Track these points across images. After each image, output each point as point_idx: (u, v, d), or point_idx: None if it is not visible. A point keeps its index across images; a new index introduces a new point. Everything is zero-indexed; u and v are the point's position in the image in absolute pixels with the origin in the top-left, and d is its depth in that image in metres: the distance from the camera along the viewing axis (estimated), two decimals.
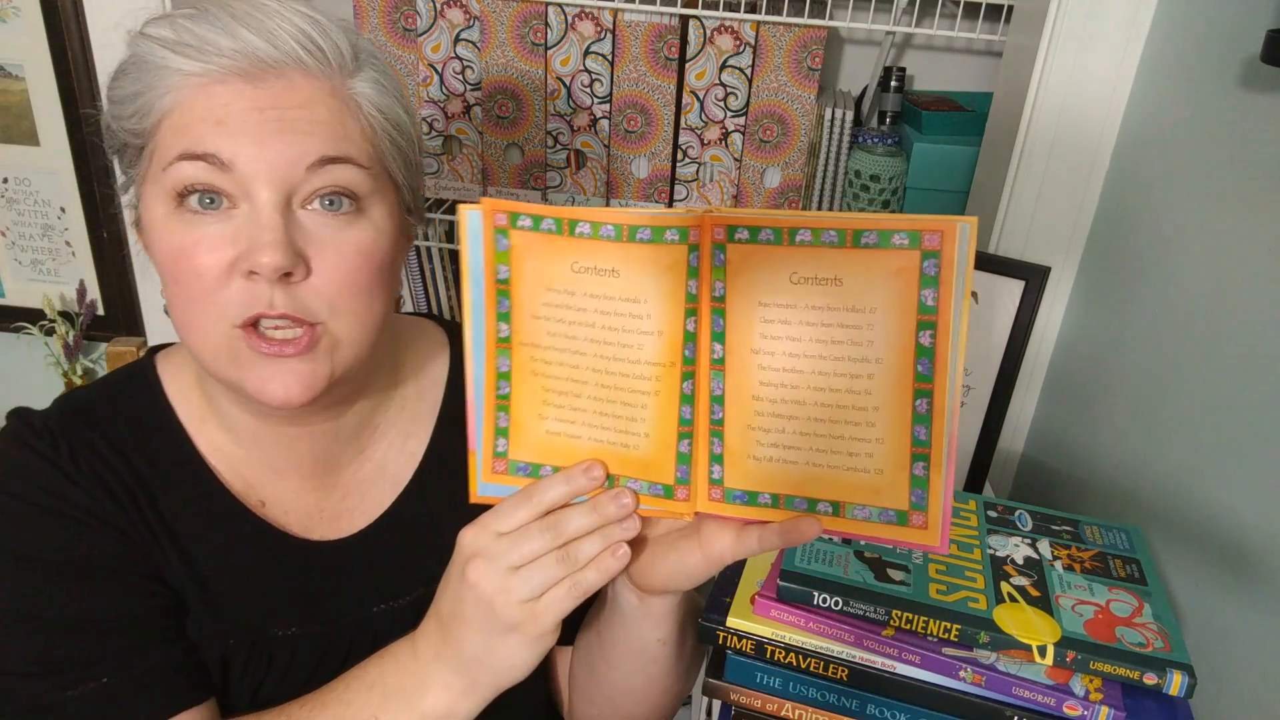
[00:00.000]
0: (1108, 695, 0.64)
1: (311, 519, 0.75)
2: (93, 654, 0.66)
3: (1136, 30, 0.99)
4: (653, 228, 0.54)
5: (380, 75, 0.66)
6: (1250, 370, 0.75)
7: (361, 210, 0.64)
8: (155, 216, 0.62)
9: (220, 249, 0.60)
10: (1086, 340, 1.07)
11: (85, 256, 1.41)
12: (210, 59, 0.59)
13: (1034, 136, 1.05)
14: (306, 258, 0.61)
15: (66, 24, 1.25)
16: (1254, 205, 0.77)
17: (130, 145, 0.64)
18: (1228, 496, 0.76)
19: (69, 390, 0.75)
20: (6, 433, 0.69)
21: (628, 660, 0.72)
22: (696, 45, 1.26)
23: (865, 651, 0.67)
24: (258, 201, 0.60)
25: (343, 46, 0.63)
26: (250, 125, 0.59)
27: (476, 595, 0.59)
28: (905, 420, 0.53)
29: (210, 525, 0.71)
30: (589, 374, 0.57)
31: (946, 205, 1.32)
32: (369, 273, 0.64)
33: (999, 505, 0.81)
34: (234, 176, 0.60)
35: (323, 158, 0.61)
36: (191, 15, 0.61)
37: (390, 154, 0.66)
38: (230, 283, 0.61)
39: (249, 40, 0.59)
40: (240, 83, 0.60)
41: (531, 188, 1.38)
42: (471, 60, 1.31)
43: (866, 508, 0.55)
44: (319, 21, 0.62)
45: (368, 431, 0.76)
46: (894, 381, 0.52)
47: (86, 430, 0.69)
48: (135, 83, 0.62)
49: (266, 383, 0.62)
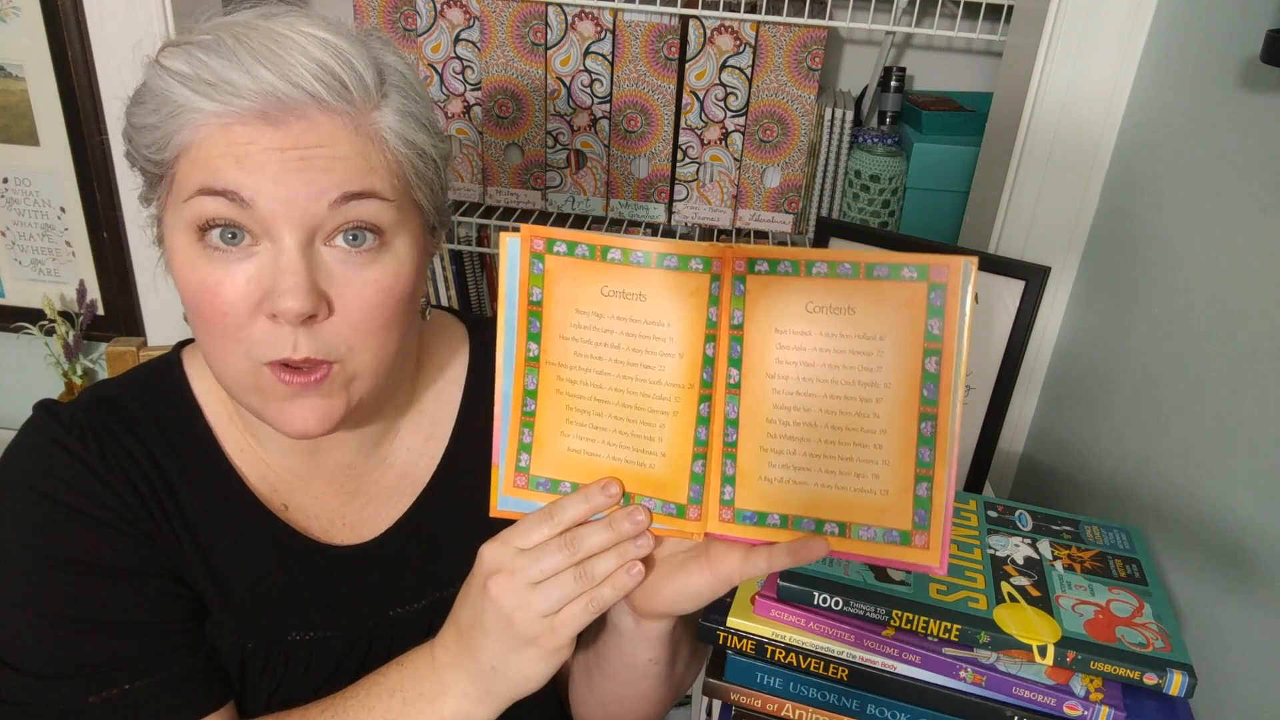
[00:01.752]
0: (1108, 695, 0.64)
1: (333, 524, 0.75)
2: (117, 658, 0.66)
3: (1136, 30, 0.99)
4: (679, 255, 0.57)
5: (406, 100, 0.63)
6: (1250, 370, 0.75)
7: (385, 244, 0.63)
8: (177, 245, 0.62)
9: (243, 288, 0.60)
10: (1086, 340, 1.07)
11: (85, 256, 1.41)
12: (229, 100, 0.58)
13: (1034, 136, 1.05)
14: (329, 298, 0.61)
15: (66, 24, 1.25)
16: (1254, 205, 0.77)
17: (149, 172, 0.63)
18: (1227, 496, 0.76)
19: (97, 382, 0.75)
20: (34, 425, 0.69)
21: (620, 674, 0.73)
22: (696, 45, 1.26)
23: (865, 651, 0.67)
24: (280, 243, 0.59)
25: (366, 75, 0.61)
26: (270, 164, 0.58)
27: (497, 609, 0.60)
28: (910, 442, 0.55)
29: (232, 526, 0.71)
30: (611, 393, 0.59)
31: (946, 205, 1.32)
32: (389, 309, 0.64)
33: (999, 505, 0.81)
34: (254, 214, 0.59)
35: (345, 194, 0.60)
36: (207, 46, 0.59)
37: (415, 183, 0.65)
38: (255, 322, 0.60)
39: (267, 80, 0.57)
40: (260, 124, 0.58)
41: (531, 188, 1.38)
42: (471, 60, 1.31)
43: (871, 528, 0.56)
44: (340, 49, 0.60)
45: (390, 437, 0.76)
46: (900, 405, 0.54)
47: (115, 425, 0.69)
48: (153, 114, 0.60)
49: (287, 417, 0.63)
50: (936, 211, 1.33)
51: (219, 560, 0.70)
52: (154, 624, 0.68)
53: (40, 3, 1.25)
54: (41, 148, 1.35)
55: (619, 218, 1.39)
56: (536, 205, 1.39)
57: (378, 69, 0.62)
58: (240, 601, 0.71)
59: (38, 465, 0.67)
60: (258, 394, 0.63)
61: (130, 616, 0.67)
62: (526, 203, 1.38)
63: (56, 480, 0.66)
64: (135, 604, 0.67)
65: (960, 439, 0.54)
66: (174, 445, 0.70)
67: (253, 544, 0.71)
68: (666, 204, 1.37)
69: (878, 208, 1.33)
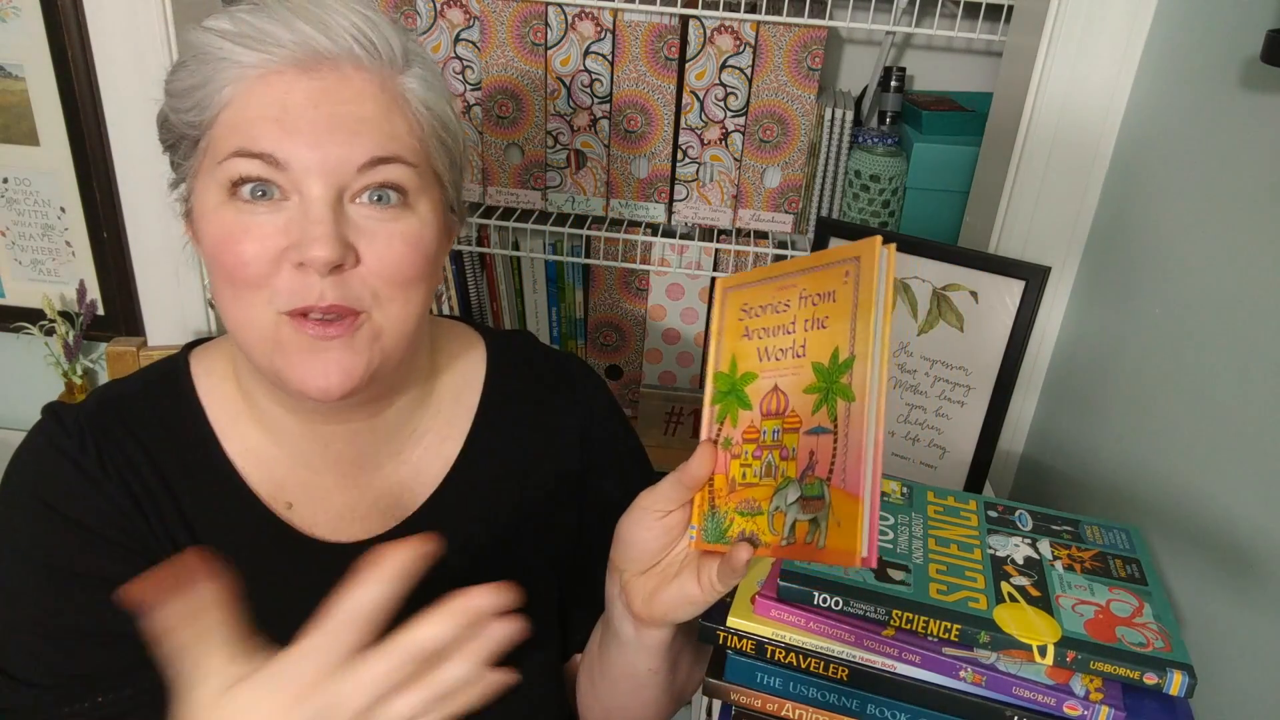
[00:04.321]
0: (1108, 695, 0.64)
1: (342, 519, 0.75)
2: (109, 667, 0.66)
3: (1136, 30, 0.99)
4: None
5: (428, 73, 0.67)
6: (1250, 370, 0.75)
7: (408, 205, 0.65)
8: (207, 205, 0.64)
9: (270, 238, 0.62)
10: (1086, 340, 1.07)
11: (85, 256, 1.41)
12: (269, 49, 0.61)
13: (1034, 136, 1.05)
14: (356, 249, 0.63)
15: (66, 24, 1.25)
16: (1254, 205, 0.77)
17: (187, 137, 0.65)
18: (1227, 496, 0.76)
19: (106, 382, 0.76)
20: (40, 429, 0.70)
21: (621, 681, 0.74)
22: (696, 45, 1.26)
23: (865, 651, 0.67)
24: (309, 196, 0.61)
25: (394, 43, 0.65)
26: (304, 123, 0.61)
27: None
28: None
29: (232, 529, 0.71)
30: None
31: (946, 205, 1.32)
32: (415, 263, 0.65)
33: (999, 505, 0.81)
34: (288, 174, 0.61)
35: (373, 158, 0.63)
36: (251, 9, 0.63)
37: (436, 151, 0.68)
38: (279, 271, 0.62)
39: (305, 32, 0.61)
40: (295, 73, 0.62)
41: (531, 188, 1.38)
42: (471, 60, 1.31)
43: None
44: (372, 18, 0.64)
45: (405, 433, 0.76)
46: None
47: (117, 428, 0.70)
48: (193, 75, 0.63)
49: (307, 372, 0.63)
50: (936, 211, 1.33)
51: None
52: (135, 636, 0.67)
53: (40, 3, 1.25)
54: (41, 148, 1.35)
55: (619, 218, 1.39)
56: (536, 205, 1.39)
57: (403, 43, 0.66)
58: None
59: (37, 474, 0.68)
60: (279, 350, 0.63)
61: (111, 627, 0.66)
62: (526, 203, 1.38)
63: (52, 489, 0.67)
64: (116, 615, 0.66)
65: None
66: (176, 446, 0.71)
67: (253, 545, 0.71)
68: (666, 204, 1.37)
69: (878, 208, 1.33)
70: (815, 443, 0.54)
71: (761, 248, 1.34)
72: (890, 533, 0.75)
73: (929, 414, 1.03)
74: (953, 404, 1.02)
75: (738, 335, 0.61)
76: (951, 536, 0.75)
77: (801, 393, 0.56)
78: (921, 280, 1.02)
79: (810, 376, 0.56)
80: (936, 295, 1.02)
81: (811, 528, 0.53)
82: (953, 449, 1.02)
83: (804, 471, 0.55)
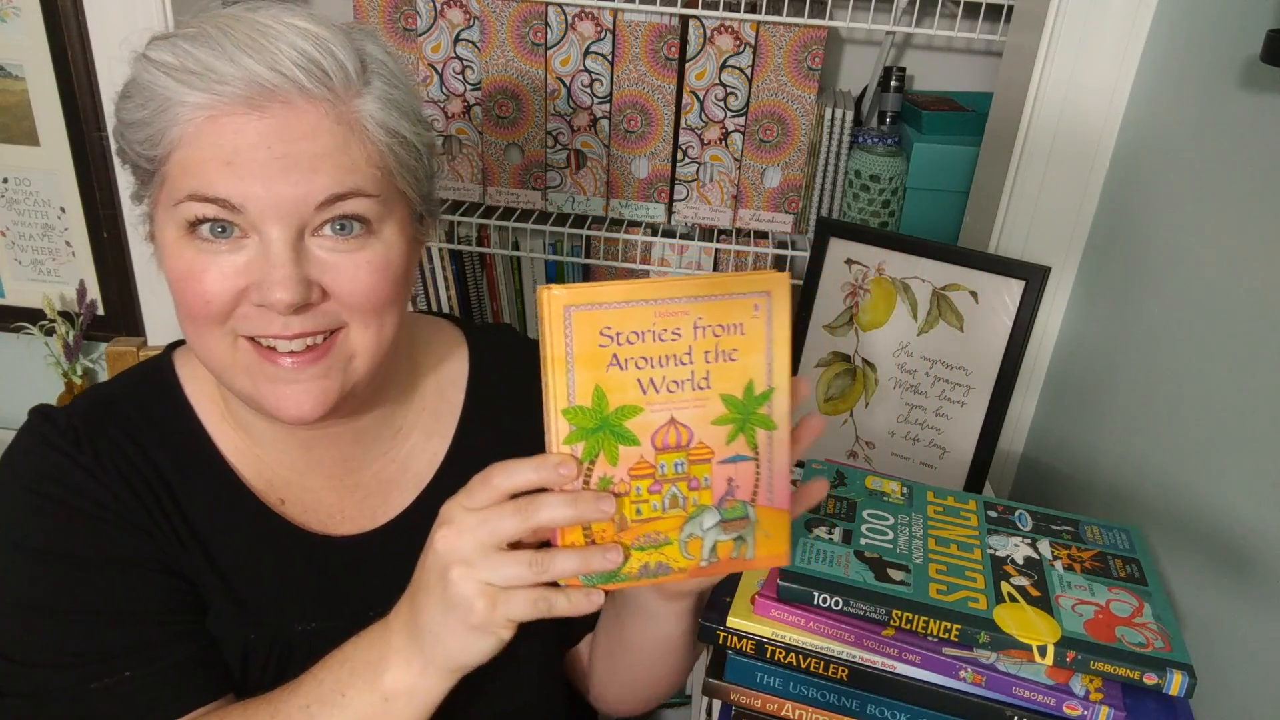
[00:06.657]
0: (1108, 695, 0.64)
1: (331, 517, 0.75)
2: (117, 647, 0.66)
3: (1136, 30, 0.99)
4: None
5: (389, 86, 0.64)
6: (1250, 370, 0.75)
7: (372, 232, 0.64)
8: (167, 239, 0.63)
9: (230, 278, 0.61)
10: (1086, 340, 1.07)
11: (85, 256, 1.41)
12: (214, 88, 0.59)
13: (1034, 136, 1.05)
14: (321, 284, 0.62)
15: (66, 24, 1.25)
16: (1254, 205, 0.77)
17: (141, 168, 0.64)
18: (1228, 496, 0.76)
19: (94, 385, 0.76)
20: (29, 429, 0.70)
21: (650, 651, 0.75)
22: (696, 45, 1.26)
23: (865, 651, 0.67)
24: (268, 237, 0.60)
25: (348, 63, 0.62)
26: (256, 166, 0.59)
27: (436, 561, 0.57)
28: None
29: (230, 522, 0.72)
30: None
31: (946, 205, 1.32)
32: (384, 289, 0.64)
33: (999, 505, 0.81)
34: (245, 216, 0.60)
35: (331, 195, 0.61)
36: (193, 37, 0.60)
37: (398, 171, 0.66)
38: (241, 306, 0.62)
39: (250, 67, 0.59)
40: (245, 110, 0.59)
41: (531, 188, 1.38)
42: (471, 60, 1.31)
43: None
44: (321, 38, 0.61)
45: (389, 432, 0.76)
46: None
47: (110, 427, 0.70)
48: (141, 109, 0.61)
49: (280, 400, 0.64)
50: (936, 211, 1.33)
51: (220, 555, 0.71)
52: (152, 614, 0.68)
53: (40, 3, 1.25)
54: (41, 148, 1.35)
55: (619, 218, 1.39)
56: (536, 205, 1.39)
57: (360, 58, 0.63)
58: (242, 594, 0.71)
59: (32, 467, 0.68)
60: (246, 374, 0.63)
61: (129, 606, 0.67)
62: (526, 203, 1.38)
63: (50, 480, 0.67)
64: (133, 594, 0.68)
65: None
66: (169, 445, 0.71)
67: (252, 538, 0.72)
68: (666, 204, 1.37)
69: (878, 208, 1.33)
70: (734, 470, 0.57)
71: (761, 248, 1.34)
72: (890, 533, 0.75)
73: (929, 414, 1.03)
74: (953, 404, 1.02)
75: (601, 365, 0.54)
76: (951, 536, 0.75)
77: (710, 424, 0.56)
78: (921, 280, 1.02)
79: (720, 408, 0.56)
80: (936, 295, 1.02)
81: (737, 544, 0.59)
82: (953, 449, 1.02)
83: (722, 497, 0.58)
